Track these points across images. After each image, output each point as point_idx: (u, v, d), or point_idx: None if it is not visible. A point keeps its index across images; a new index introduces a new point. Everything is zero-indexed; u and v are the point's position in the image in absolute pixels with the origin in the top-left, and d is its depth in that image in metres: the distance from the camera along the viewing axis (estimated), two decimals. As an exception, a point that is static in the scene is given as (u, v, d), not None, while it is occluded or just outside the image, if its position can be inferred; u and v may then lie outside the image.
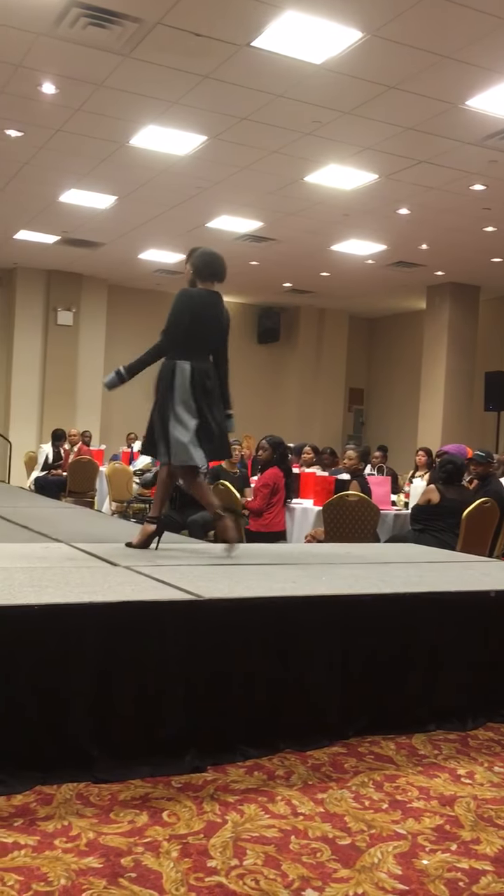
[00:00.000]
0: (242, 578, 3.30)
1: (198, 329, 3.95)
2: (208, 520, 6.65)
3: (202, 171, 8.57)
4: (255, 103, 6.83)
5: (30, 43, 5.98)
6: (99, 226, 10.94)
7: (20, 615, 2.48)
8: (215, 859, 1.99)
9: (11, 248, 12.41)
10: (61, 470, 10.62)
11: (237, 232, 10.86)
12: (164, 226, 10.80)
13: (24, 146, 8.10)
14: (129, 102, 6.96)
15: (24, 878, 1.85)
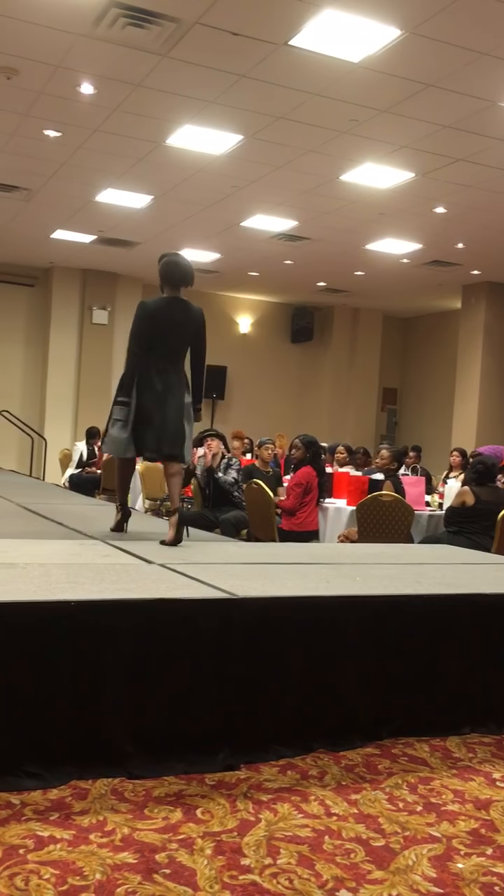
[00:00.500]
0: (276, 577, 3.31)
1: (155, 334, 4.18)
2: (241, 518, 6.68)
3: (238, 171, 8.58)
4: (291, 102, 6.82)
5: (69, 44, 6.03)
6: (135, 225, 11.00)
7: (57, 611, 2.51)
8: (249, 858, 1.99)
9: (48, 247, 12.53)
10: (95, 467, 10.70)
11: (272, 231, 10.85)
12: (199, 225, 10.83)
13: (63, 146, 8.17)
14: (167, 102, 6.99)
15: (59, 872, 1.87)
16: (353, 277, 13.29)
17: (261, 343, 16.05)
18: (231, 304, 15.83)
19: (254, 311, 16.04)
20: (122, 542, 4.08)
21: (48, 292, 14.11)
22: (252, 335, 16.02)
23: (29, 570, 3.03)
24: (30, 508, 5.65)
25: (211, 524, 6.58)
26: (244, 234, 11.03)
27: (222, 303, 15.70)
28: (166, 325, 4.20)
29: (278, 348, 16.20)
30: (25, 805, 2.20)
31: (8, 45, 6.12)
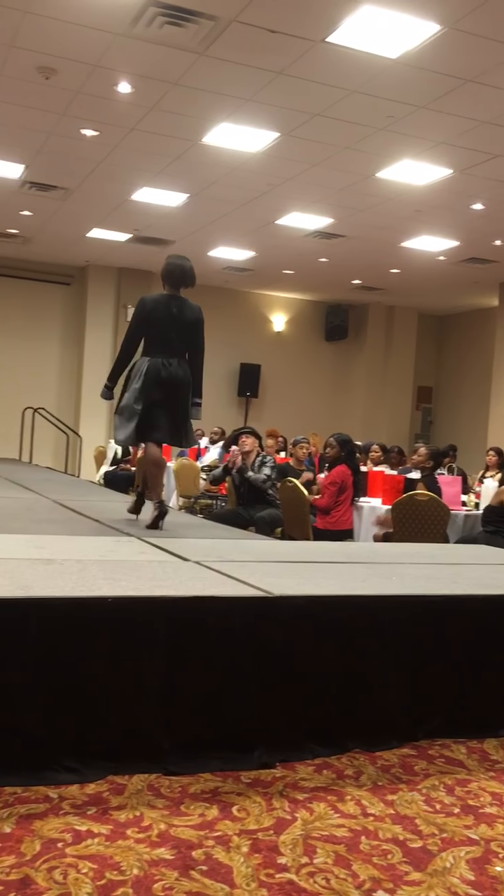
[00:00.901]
0: (312, 576, 3.30)
1: (152, 328, 4.52)
2: (275, 516, 6.67)
3: (273, 168, 8.57)
4: (328, 99, 6.80)
5: (107, 43, 6.06)
6: (170, 224, 11.04)
7: (95, 607, 2.52)
8: (285, 856, 1.99)
9: (84, 246, 12.62)
10: (130, 464, 10.76)
11: (307, 229, 10.82)
12: (234, 223, 10.84)
13: (99, 145, 8.22)
14: (203, 100, 7.00)
15: (97, 867, 1.88)
16: (389, 275, 13.21)
17: (295, 341, 16.02)
18: (265, 303, 15.82)
19: (288, 309, 16.01)
20: (158, 538, 4.10)
21: (84, 291, 14.22)
22: (286, 333, 16.00)
23: (66, 567, 3.05)
24: (66, 505, 5.70)
25: (245, 522, 6.58)
26: (279, 231, 11.02)
27: (256, 301, 15.71)
28: (163, 319, 4.53)
29: (312, 346, 16.17)
30: (63, 799, 2.21)
31: (47, 44, 6.17)
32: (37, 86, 6.88)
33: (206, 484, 9.32)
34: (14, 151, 8.60)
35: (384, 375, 16.10)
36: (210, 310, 16.63)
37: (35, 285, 14.10)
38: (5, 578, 2.71)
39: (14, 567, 2.94)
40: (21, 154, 8.66)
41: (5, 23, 5.87)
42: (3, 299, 13.86)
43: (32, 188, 9.79)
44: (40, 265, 14.02)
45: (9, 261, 13.74)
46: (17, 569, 2.92)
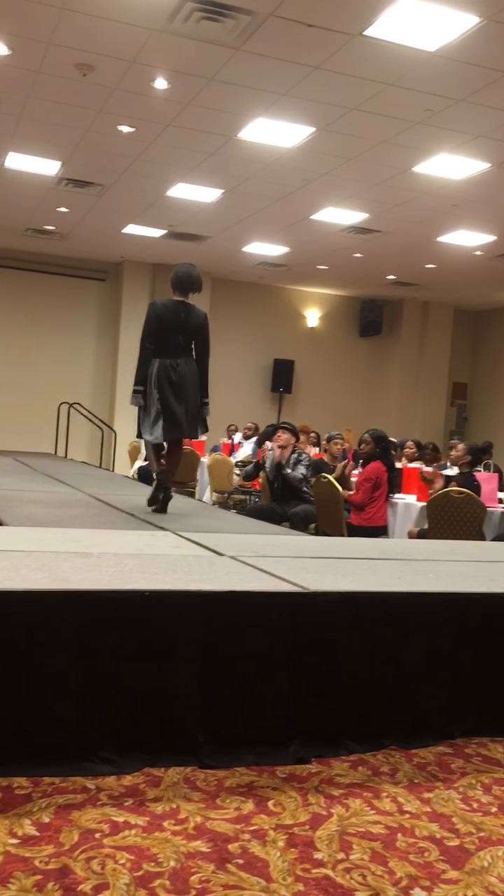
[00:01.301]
0: (347, 572, 3.29)
1: (163, 332, 4.87)
2: (310, 512, 6.67)
3: (309, 163, 8.54)
4: (365, 93, 6.76)
5: (144, 39, 6.09)
6: (205, 219, 11.06)
7: (132, 600, 2.54)
8: (321, 852, 1.99)
9: (119, 242, 12.69)
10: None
11: (342, 224, 10.78)
12: (268, 218, 10.82)
13: (135, 141, 8.26)
14: (239, 95, 7.00)
15: (134, 858, 1.89)
16: (424, 270, 13.11)
17: (329, 337, 15.97)
18: (299, 298, 15.79)
19: (322, 304, 15.97)
20: (192, 533, 4.11)
21: (119, 286, 14.30)
22: (320, 329, 15.96)
23: (103, 560, 3.07)
24: (101, 499, 5.74)
25: (279, 518, 6.58)
26: (314, 227, 10.99)
27: (290, 296, 15.68)
28: (171, 323, 4.89)
29: (346, 342, 16.11)
30: (100, 790, 2.23)
31: (84, 41, 6.20)
32: (74, 83, 6.93)
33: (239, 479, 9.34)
34: (51, 149, 8.67)
35: (419, 371, 15.99)
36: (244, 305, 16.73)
37: (71, 281, 14.21)
38: (43, 571, 2.74)
39: (52, 560, 2.97)
40: (58, 151, 8.72)
41: (44, 20, 5.92)
42: (40, 295, 13.99)
43: (69, 185, 9.86)
44: (76, 261, 14.13)
45: (45, 257, 13.87)
46: (54, 562, 2.94)
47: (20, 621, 2.40)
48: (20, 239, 12.89)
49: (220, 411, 14.77)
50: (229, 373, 15.24)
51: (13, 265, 13.81)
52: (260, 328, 15.36)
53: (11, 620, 2.39)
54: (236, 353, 15.25)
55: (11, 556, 2.99)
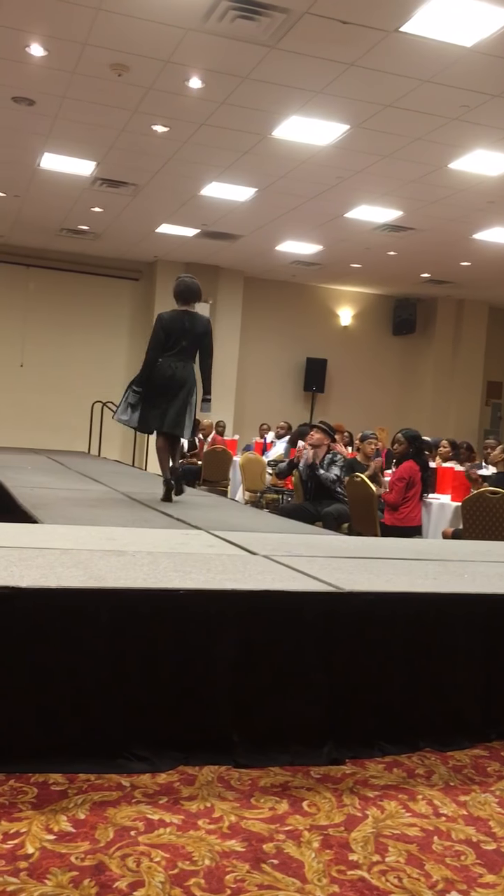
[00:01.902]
0: (382, 572, 3.26)
1: (169, 339, 5.37)
2: (343, 511, 6.64)
3: (343, 161, 8.51)
4: (400, 89, 6.71)
5: (179, 38, 6.10)
6: (238, 218, 11.06)
7: (166, 599, 2.55)
8: (357, 853, 1.97)
9: (153, 241, 12.74)
10: (196, 458, 10.84)
11: (376, 222, 10.72)
12: (302, 217, 10.80)
13: (170, 141, 8.28)
14: (273, 94, 6.99)
15: (169, 856, 1.89)
16: (459, 268, 13.00)
17: (362, 335, 15.90)
18: (332, 297, 15.74)
19: (355, 303, 15.90)
20: (226, 532, 4.11)
21: (152, 286, 14.36)
22: (353, 328, 15.89)
23: (137, 559, 3.08)
24: (134, 497, 5.77)
25: (312, 517, 6.56)
26: (347, 225, 10.94)
27: (323, 295, 15.63)
28: (177, 331, 5.38)
29: (380, 341, 16.02)
30: (135, 787, 2.24)
31: (120, 41, 6.23)
32: (109, 83, 6.97)
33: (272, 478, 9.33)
34: (86, 149, 8.72)
35: (453, 370, 15.86)
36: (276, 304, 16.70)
37: (104, 280, 14.30)
38: (79, 569, 2.76)
39: (87, 558, 2.99)
40: (93, 151, 8.78)
41: (79, 21, 5.95)
42: (74, 295, 14.10)
43: (103, 185, 9.92)
44: (109, 261, 14.22)
45: (79, 256, 13.97)
46: (90, 560, 2.96)
47: (56, 619, 2.42)
48: (55, 239, 12.99)
49: (253, 410, 14.86)
50: (262, 372, 15.24)
51: (48, 265, 13.93)
52: (292, 327, 15.34)
53: (48, 618, 2.41)
54: (269, 351, 15.24)
55: (47, 554, 3.01)
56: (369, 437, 7.57)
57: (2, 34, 6.25)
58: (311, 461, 6.83)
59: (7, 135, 8.43)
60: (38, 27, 6.13)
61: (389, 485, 6.52)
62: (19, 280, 13.91)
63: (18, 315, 14.01)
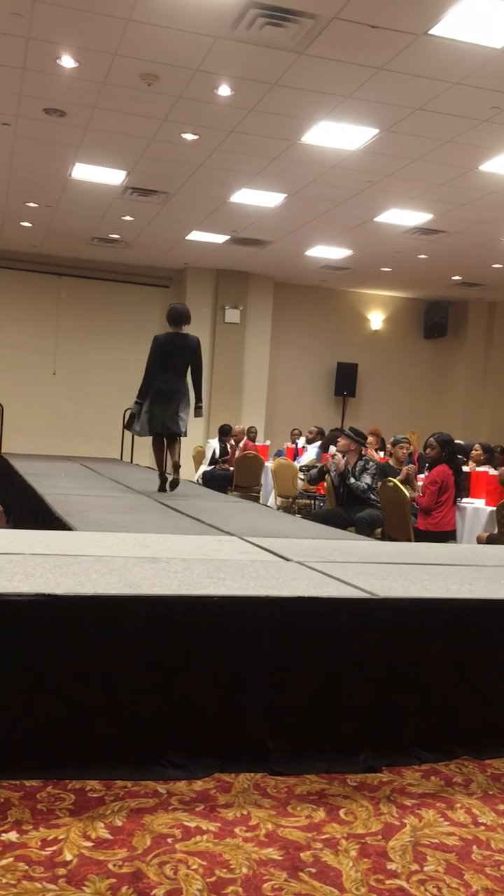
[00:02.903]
0: (416, 578, 3.24)
1: (164, 357, 6.17)
2: (375, 517, 6.61)
3: (373, 165, 8.48)
4: (430, 92, 6.68)
5: (208, 47, 6.13)
6: (267, 224, 11.07)
7: (201, 605, 2.55)
8: (395, 862, 1.96)
9: (183, 248, 12.80)
10: (228, 464, 10.86)
11: (406, 225, 10.67)
12: (331, 222, 10.78)
13: (199, 149, 8.32)
14: (303, 100, 6.99)
15: (207, 864, 1.89)
16: (491, 270, 12.89)
17: (393, 339, 15.83)
18: (362, 301, 15.69)
19: (385, 307, 15.83)
20: (259, 538, 4.11)
21: (182, 292, 14.42)
22: (384, 332, 15.83)
23: (171, 565, 3.09)
24: (167, 504, 5.78)
25: (345, 522, 6.54)
26: (377, 229, 10.90)
27: (353, 299, 15.59)
28: (170, 350, 6.18)
29: (411, 345, 15.94)
30: (171, 794, 2.24)
31: (149, 51, 6.28)
32: (139, 92, 7.02)
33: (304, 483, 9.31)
34: (117, 158, 8.79)
35: (485, 373, 15.72)
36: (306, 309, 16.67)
37: (135, 288, 14.38)
38: (113, 576, 2.77)
39: (122, 565, 3.01)
40: (123, 160, 8.85)
41: (109, 32, 6.01)
42: (105, 303, 14.21)
43: (134, 193, 9.99)
44: (140, 268, 14.30)
45: (110, 265, 14.07)
46: (124, 566, 2.98)
47: (91, 626, 2.43)
48: (86, 248, 13.11)
49: (284, 415, 14.84)
50: (292, 377, 15.23)
51: (80, 274, 14.06)
52: (323, 331, 15.31)
53: (83, 625, 2.43)
54: (299, 357, 15.22)
55: (82, 561, 3.03)
56: (401, 441, 7.53)
57: (33, 47, 6.32)
58: (341, 469, 6.81)
59: (39, 146, 8.53)
60: (68, 39, 6.20)
61: (422, 489, 6.48)
62: (51, 289, 14.05)
63: (51, 324, 14.14)
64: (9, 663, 2.34)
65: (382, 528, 6.58)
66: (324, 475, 7.32)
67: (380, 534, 6.58)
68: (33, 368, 14.01)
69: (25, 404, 13.55)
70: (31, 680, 2.35)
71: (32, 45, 6.29)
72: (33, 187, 10.04)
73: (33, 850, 1.90)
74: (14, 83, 7.00)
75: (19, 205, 10.82)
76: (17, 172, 9.44)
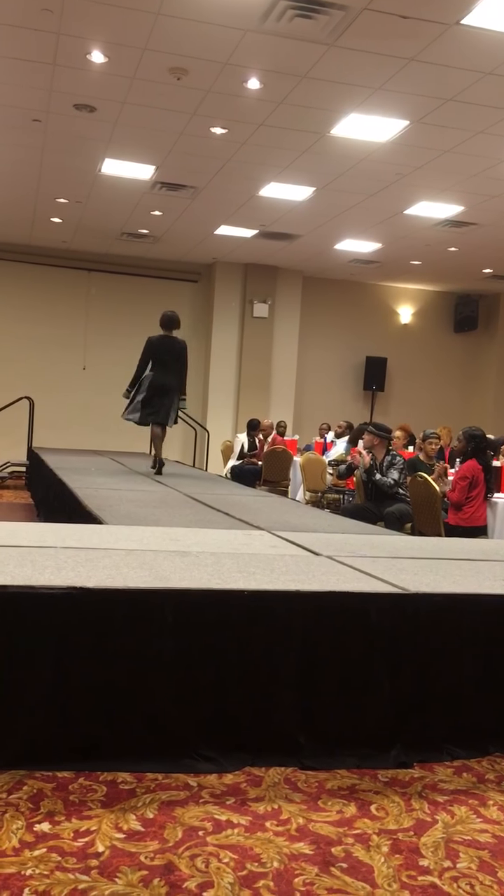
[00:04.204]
0: (448, 573, 3.22)
1: (157, 357, 7.27)
2: (405, 511, 6.57)
3: (403, 157, 8.41)
4: (461, 83, 6.60)
5: (237, 40, 6.11)
6: (296, 218, 11.03)
7: (231, 599, 2.55)
8: (427, 859, 1.95)
9: (212, 243, 12.80)
10: (257, 458, 10.85)
11: (436, 218, 10.58)
12: (361, 215, 10.72)
13: (228, 143, 8.30)
14: (332, 92, 6.95)
15: (238, 857, 1.89)
16: (523, 263, 12.75)
17: (422, 333, 15.71)
18: (391, 295, 15.59)
19: (415, 300, 15.72)
20: (288, 532, 4.11)
21: (211, 287, 14.43)
22: (413, 325, 15.72)
23: (201, 559, 3.10)
24: (196, 498, 5.80)
25: (374, 517, 6.50)
26: (407, 222, 10.82)
27: (382, 293, 15.50)
28: (163, 350, 7.28)
29: (440, 338, 15.81)
30: (202, 788, 2.25)
31: (178, 45, 6.27)
32: (169, 87, 7.02)
33: (332, 478, 9.28)
34: (146, 153, 8.80)
35: (517, 367, 15.55)
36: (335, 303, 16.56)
37: (164, 283, 14.41)
38: (144, 570, 2.78)
39: (152, 559, 3.02)
40: (152, 155, 8.86)
41: (139, 26, 6.01)
42: (134, 298, 14.24)
43: (163, 188, 10.00)
44: (169, 263, 14.32)
45: (138, 260, 14.11)
46: (154, 560, 2.98)
47: (122, 619, 2.44)
48: (116, 243, 13.15)
49: (312, 410, 14.81)
50: (320, 371, 15.18)
51: (109, 269, 14.10)
52: (352, 326, 15.24)
53: (114, 618, 2.44)
54: (328, 351, 15.17)
55: (113, 555, 3.04)
56: (430, 436, 7.48)
57: (64, 43, 6.35)
58: (367, 466, 6.78)
59: (69, 142, 8.57)
60: (98, 34, 6.21)
61: (453, 484, 6.42)
62: (81, 285, 14.12)
63: (80, 319, 14.22)
64: (41, 656, 2.36)
65: (412, 524, 6.53)
66: (352, 470, 7.29)
67: (410, 529, 6.54)
68: (63, 363, 14.10)
69: (56, 399, 13.64)
70: (63, 672, 2.37)
71: (62, 40, 6.32)
72: (63, 183, 10.09)
73: (66, 841, 1.91)
74: (44, 79, 7.03)
75: (49, 201, 10.88)
76: (48, 169, 9.49)
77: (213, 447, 13.45)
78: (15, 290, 13.83)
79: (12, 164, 9.40)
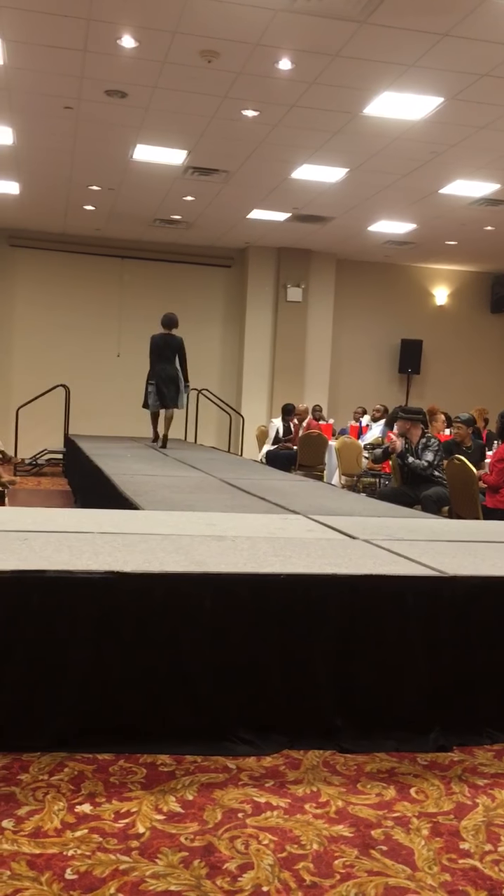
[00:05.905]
0: (486, 556, 3.18)
1: (159, 350, 8.85)
2: (442, 495, 6.51)
3: (437, 135, 8.29)
4: (497, 57, 6.47)
5: (268, 20, 6.04)
6: (329, 200, 10.94)
7: (268, 583, 2.55)
8: (468, 842, 1.93)
9: (244, 227, 12.74)
10: (291, 443, 10.83)
11: (472, 196, 10.41)
12: (395, 195, 10.59)
13: (260, 125, 8.24)
14: (365, 70, 6.86)
15: (277, 839, 1.90)
16: None
17: (458, 314, 15.52)
18: (427, 276, 15.41)
19: (451, 281, 15.52)
20: (324, 516, 4.09)
21: (244, 272, 14.39)
22: (449, 307, 15.53)
23: (237, 543, 3.10)
24: (232, 483, 5.80)
25: (411, 501, 6.46)
26: (442, 201, 10.67)
27: (418, 275, 15.33)
28: (163, 346, 8.83)
29: (477, 319, 15.60)
30: (241, 770, 2.25)
31: (209, 28, 6.22)
32: (200, 70, 6.97)
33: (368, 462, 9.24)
34: (177, 138, 8.78)
35: None
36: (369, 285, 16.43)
37: (197, 269, 14.40)
38: (180, 555, 2.79)
39: (188, 543, 3.02)
40: (184, 140, 8.83)
41: (169, 9, 5.98)
42: (167, 285, 14.26)
43: (195, 173, 9.96)
44: (202, 249, 14.30)
45: (172, 246, 14.11)
46: (191, 545, 2.99)
47: (159, 604, 2.46)
48: (148, 230, 13.16)
49: (347, 394, 14.73)
50: (355, 355, 15.09)
51: (143, 256, 14.13)
52: (386, 308, 15.10)
53: (151, 603, 2.45)
54: (362, 334, 15.06)
55: (149, 540, 3.06)
56: (456, 422, 7.40)
57: (94, 28, 6.33)
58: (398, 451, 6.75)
59: (101, 129, 8.57)
60: (129, 19, 6.19)
61: (490, 466, 6.35)
62: (115, 272, 14.16)
63: (114, 306, 14.27)
64: (79, 640, 2.38)
65: (450, 506, 6.48)
66: (388, 454, 7.24)
67: (447, 512, 6.48)
68: (98, 351, 14.18)
69: (91, 386, 13.73)
70: (101, 656, 2.39)
71: (93, 26, 6.30)
72: (96, 170, 10.10)
73: (107, 823, 1.93)
74: (76, 66, 7.03)
75: (82, 188, 10.91)
76: (80, 156, 9.51)
77: (247, 432, 13.45)
78: (49, 279, 13.92)
79: (45, 153, 9.44)
